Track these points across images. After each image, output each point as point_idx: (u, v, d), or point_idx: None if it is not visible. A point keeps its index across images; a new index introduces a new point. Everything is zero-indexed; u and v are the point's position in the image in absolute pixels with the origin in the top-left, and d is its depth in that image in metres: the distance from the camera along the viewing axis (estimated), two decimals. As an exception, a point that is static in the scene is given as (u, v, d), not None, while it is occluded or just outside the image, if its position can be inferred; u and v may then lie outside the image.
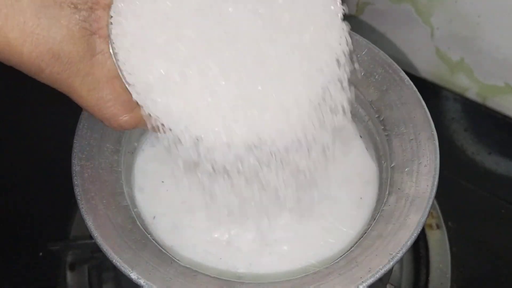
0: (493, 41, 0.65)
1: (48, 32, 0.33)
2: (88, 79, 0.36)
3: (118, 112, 0.38)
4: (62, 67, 0.34)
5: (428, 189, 0.46)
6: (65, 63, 0.34)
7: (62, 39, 0.33)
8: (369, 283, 0.41)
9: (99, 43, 0.36)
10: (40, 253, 0.62)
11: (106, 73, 0.36)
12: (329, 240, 0.50)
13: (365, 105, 0.55)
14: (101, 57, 0.36)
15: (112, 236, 0.43)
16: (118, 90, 0.37)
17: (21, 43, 0.32)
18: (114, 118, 0.38)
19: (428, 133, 0.49)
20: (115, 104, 0.37)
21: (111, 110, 0.38)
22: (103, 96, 0.37)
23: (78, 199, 0.45)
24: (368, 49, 0.55)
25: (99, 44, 0.36)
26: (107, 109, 0.38)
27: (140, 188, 0.53)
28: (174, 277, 0.42)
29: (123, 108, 0.38)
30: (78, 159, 0.47)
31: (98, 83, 0.36)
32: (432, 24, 0.69)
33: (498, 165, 0.71)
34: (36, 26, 0.33)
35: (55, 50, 0.33)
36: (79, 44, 0.34)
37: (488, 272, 0.63)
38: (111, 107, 0.37)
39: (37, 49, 0.33)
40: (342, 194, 0.54)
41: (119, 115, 0.38)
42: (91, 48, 0.35)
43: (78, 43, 0.34)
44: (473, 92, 0.72)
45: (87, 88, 0.36)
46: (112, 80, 0.37)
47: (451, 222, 0.66)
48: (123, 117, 0.38)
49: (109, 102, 0.37)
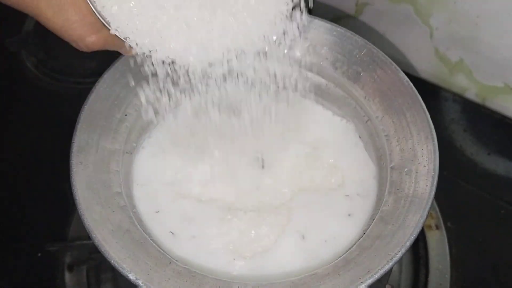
0: (492, 42, 0.65)
1: None
2: (53, 1, 0.37)
3: (84, 33, 0.39)
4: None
5: (427, 190, 0.46)
6: None
7: None
8: (368, 284, 0.41)
9: None
10: (38, 254, 0.62)
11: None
12: (327, 239, 0.50)
13: (364, 105, 0.55)
14: None
15: (110, 237, 0.43)
16: (84, 11, 0.38)
17: None
18: (80, 39, 0.39)
19: (427, 133, 0.49)
20: (81, 25, 0.38)
21: (77, 32, 0.39)
22: (68, 17, 0.38)
23: (76, 200, 0.44)
24: (367, 49, 0.55)
25: None
26: (73, 30, 0.39)
27: (138, 188, 0.53)
28: (172, 278, 0.42)
29: (89, 29, 0.39)
30: (77, 159, 0.47)
31: (64, 5, 0.37)
32: (431, 25, 0.69)
33: (497, 165, 0.70)
34: None
35: None
36: None
37: (488, 272, 0.63)
38: (77, 28, 0.38)
39: None
40: (341, 194, 0.54)
41: (86, 35, 0.39)
42: None
43: None
44: (472, 92, 0.72)
45: (52, 10, 0.37)
46: (77, 2, 0.38)
47: (451, 223, 0.66)
48: (90, 37, 0.39)
49: (75, 24, 0.38)
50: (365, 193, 0.54)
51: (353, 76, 0.56)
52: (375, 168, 0.55)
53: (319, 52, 0.57)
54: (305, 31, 0.53)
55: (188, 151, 0.56)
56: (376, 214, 0.48)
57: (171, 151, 0.56)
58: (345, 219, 0.52)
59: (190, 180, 0.55)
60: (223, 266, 0.48)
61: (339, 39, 0.56)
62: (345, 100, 0.58)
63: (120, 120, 0.53)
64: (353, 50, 0.56)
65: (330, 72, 0.57)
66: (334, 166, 0.56)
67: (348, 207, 0.53)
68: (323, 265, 0.46)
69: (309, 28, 0.56)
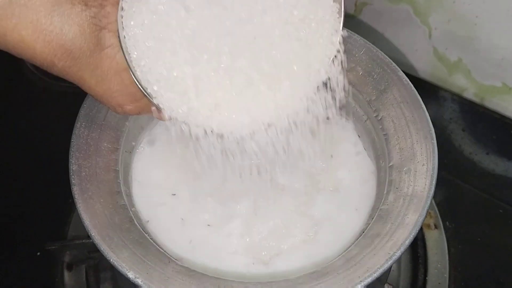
0: (490, 42, 0.65)
1: (60, 30, 0.35)
2: (97, 72, 0.38)
3: (124, 102, 0.40)
4: (73, 62, 0.36)
5: (426, 189, 0.46)
6: (76, 58, 0.36)
7: (73, 36, 0.35)
8: (367, 283, 0.41)
9: (108, 38, 0.37)
10: (37, 253, 0.62)
11: (114, 66, 0.38)
12: (326, 238, 0.50)
13: (363, 104, 0.55)
14: (110, 51, 0.38)
15: (110, 236, 0.43)
16: (126, 82, 0.39)
17: (34, 39, 0.34)
18: (119, 106, 0.40)
19: (426, 132, 0.49)
20: (121, 94, 0.39)
21: (117, 100, 0.40)
22: (110, 87, 0.39)
23: (76, 199, 0.44)
24: (366, 49, 0.55)
25: (108, 39, 0.37)
26: (113, 99, 0.40)
27: (137, 187, 0.53)
28: (171, 277, 0.42)
29: (129, 98, 0.40)
30: (76, 158, 0.47)
31: (107, 75, 0.38)
32: (430, 25, 0.69)
33: (496, 165, 0.70)
34: (49, 24, 0.34)
35: (67, 46, 0.35)
36: (89, 40, 0.36)
37: (486, 272, 0.63)
38: (118, 97, 0.39)
39: (50, 45, 0.35)
40: (340, 193, 0.54)
41: (125, 104, 0.40)
42: (101, 43, 0.37)
43: (89, 38, 0.36)
44: (470, 92, 0.72)
45: (95, 80, 0.38)
46: (120, 73, 0.38)
47: (449, 222, 0.66)
48: (128, 106, 0.40)
49: (116, 93, 0.39)
50: (364, 192, 0.54)
51: (352, 75, 0.56)
52: (374, 167, 0.55)
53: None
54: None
55: (188, 150, 0.56)
56: (375, 213, 0.48)
57: (171, 149, 0.56)
58: (345, 218, 0.52)
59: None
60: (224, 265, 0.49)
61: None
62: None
63: (120, 119, 0.53)
64: (352, 49, 0.56)
65: (329, 71, 0.57)
66: (332, 165, 0.56)
67: (347, 206, 0.53)
68: (322, 264, 0.46)
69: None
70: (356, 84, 0.56)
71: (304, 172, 0.54)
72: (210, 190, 0.54)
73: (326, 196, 0.54)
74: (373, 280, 0.41)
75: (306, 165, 0.50)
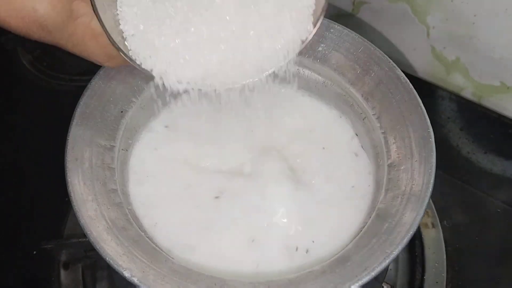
0: (489, 41, 0.65)
1: (32, 8, 0.37)
2: (73, 38, 0.40)
3: (102, 60, 0.43)
4: (48, 33, 0.39)
5: (424, 188, 0.46)
6: (50, 31, 0.39)
7: (45, 12, 0.37)
8: (364, 282, 0.41)
9: (81, 7, 0.39)
10: (34, 252, 0.62)
11: (89, 32, 0.40)
12: (323, 237, 0.50)
13: (361, 102, 0.55)
14: (84, 19, 0.40)
15: (106, 234, 0.43)
16: (102, 44, 0.41)
17: (8, 16, 0.37)
18: (98, 63, 0.44)
19: (425, 131, 0.49)
20: (99, 55, 0.42)
21: (95, 59, 0.43)
22: (87, 49, 0.41)
23: (71, 197, 0.44)
24: (364, 47, 0.55)
25: (81, 8, 0.39)
26: (91, 58, 0.42)
27: (134, 185, 0.53)
28: (168, 275, 0.42)
29: (106, 57, 0.42)
30: (71, 157, 0.47)
31: (83, 40, 0.40)
32: (428, 24, 0.69)
33: (493, 164, 0.70)
34: (19, 3, 0.37)
35: (40, 22, 0.38)
36: (61, 13, 0.38)
37: (484, 271, 0.63)
38: (95, 57, 0.42)
39: (23, 21, 0.37)
40: (337, 191, 0.54)
41: (103, 62, 0.43)
42: (73, 14, 0.39)
43: (61, 12, 0.38)
44: (468, 91, 0.72)
45: (72, 44, 0.40)
46: (96, 37, 0.40)
47: (447, 221, 0.66)
48: (106, 62, 0.43)
49: (93, 54, 0.42)
50: (362, 190, 0.53)
51: (350, 74, 0.56)
52: (372, 165, 0.55)
53: (316, 49, 0.57)
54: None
55: (185, 148, 0.56)
56: (373, 212, 0.48)
57: (168, 148, 0.56)
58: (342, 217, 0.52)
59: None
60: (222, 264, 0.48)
61: (336, 36, 0.56)
62: (342, 97, 0.58)
63: (116, 117, 0.52)
64: (350, 47, 0.56)
65: (327, 70, 0.57)
66: (330, 163, 0.56)
67: (344, 205, 0.53)
68: (319, 263, 0.45)
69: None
70: (354, 83, 0.56)
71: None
72: (209, 189, 0.54)
73: (322, 194, 0.53)
74: (370, 279, 0.41)
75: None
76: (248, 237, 0.50)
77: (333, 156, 0.57)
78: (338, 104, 0.59)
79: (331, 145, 0.57)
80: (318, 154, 0.57)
